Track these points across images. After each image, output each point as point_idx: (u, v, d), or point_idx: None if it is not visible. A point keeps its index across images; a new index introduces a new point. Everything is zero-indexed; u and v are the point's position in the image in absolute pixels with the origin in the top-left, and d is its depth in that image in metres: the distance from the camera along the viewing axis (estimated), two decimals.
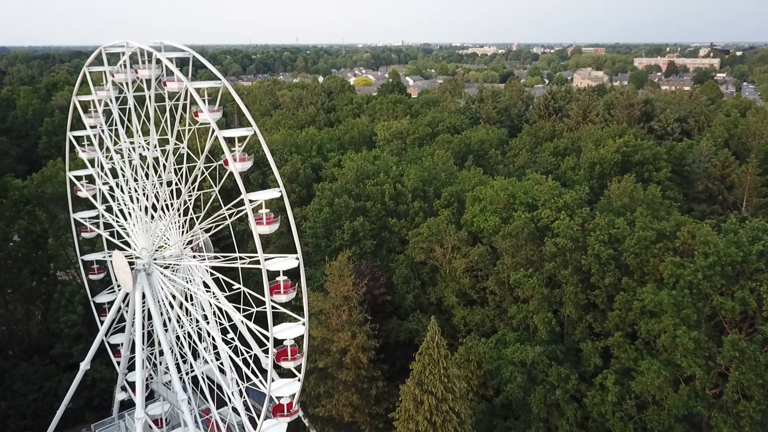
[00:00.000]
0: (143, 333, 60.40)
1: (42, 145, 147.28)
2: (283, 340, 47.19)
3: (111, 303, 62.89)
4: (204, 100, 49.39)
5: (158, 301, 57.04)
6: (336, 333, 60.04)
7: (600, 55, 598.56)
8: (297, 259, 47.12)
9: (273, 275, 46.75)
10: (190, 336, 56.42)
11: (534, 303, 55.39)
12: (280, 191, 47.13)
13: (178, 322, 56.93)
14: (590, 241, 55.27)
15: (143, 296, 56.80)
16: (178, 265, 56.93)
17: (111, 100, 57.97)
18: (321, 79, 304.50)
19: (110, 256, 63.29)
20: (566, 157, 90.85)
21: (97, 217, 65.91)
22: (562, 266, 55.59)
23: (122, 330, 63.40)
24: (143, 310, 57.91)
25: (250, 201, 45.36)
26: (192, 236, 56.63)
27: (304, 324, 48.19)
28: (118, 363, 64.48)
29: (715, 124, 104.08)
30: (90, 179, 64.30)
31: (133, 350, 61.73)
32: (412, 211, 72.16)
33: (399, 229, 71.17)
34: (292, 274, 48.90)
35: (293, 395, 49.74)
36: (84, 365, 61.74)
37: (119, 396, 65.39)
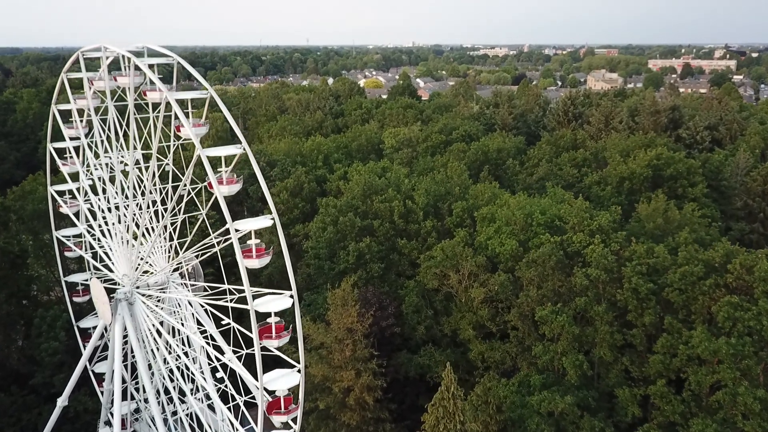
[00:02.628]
0: (128, 365, 55.18)
1: (42, 149, 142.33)
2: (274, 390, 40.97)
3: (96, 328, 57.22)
4: (188, 113, 43.62)
5: (141, 332, 51.28)
6: (338, 371, 53.85)
7: (613, 56, 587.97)
8: (291, 297, 40.92)
9: (264, 315, 40.67)
10: (173, 373, 50.51)
11: (563, 343, 48.80)
12: (273, 219, 41.04)
13: (164, 359, 51.07)
14: (626, 272, 48.66)
15: (126, 327, 51.09)
16: (163, 294, 51.05)
17: (91, 110, 52.29)
18: (331, 80, 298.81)
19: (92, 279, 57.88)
20: (589, 169, 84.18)
21: (80, 235, 60.45)
22: (595, 301, 48.99)
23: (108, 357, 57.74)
24: (126, 342, 52.33)
25: (237, 230, 39.23)
26: (178, 263, 50.80)
27: (299, 371, 41.91)
28: (111, 392, 58.72)
29: (749, 133, 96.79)
30: (73, 194, 58.86)
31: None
32: (424, 231, 65.69)
33: (409, 251, 64.71)
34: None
35: None
36: (61, 401, 56.10)
37: (103, 431, 59.63)
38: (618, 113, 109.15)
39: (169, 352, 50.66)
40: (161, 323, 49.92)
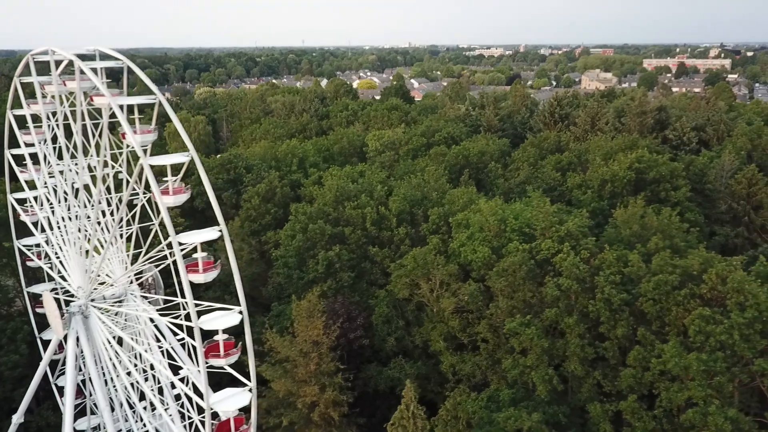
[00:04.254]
0: (82, 381, 53.32)
1: None
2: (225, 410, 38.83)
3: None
4: (135, 119, 41.67)
5: (96, 347, 49.28)
6: (302, 386, 51.74)
7: (608, 56, 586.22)
8: (240, 313, 38.87)
9: (211, 333, 38.60)
10: (128, 390, 48.43)
11: (532, 356, 46.73)
12: (220, 230, 38.97)
13: (118, 375, 48.97)
14: (599, 281, 46.59)
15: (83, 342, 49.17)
16: (117, 308, 49.00)
17: (43, 116, 50.28)
18: (324, 82, 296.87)
19: (51, 290, 56.09)
20: (574, 172, 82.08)
21: (41, 245, 58.43)
22: (566, 313, 46.93)
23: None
24: (80, 357, 50.42)
25: (180, 244, 37.11)
26: (131, 275, 48.83)
27: (251, 390, 39.81)
28: None
29: (736, 134, 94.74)
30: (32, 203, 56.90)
31: (78, 396, 54.77)
32: (397, 238, 63.56)
33: (381, 258, 62.61)
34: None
35: None
36: (17, 418, 53.86)
37: None
38: (604, 114, 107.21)
39: (125, 368, 48.60)
40: (115, 338, 47.91)
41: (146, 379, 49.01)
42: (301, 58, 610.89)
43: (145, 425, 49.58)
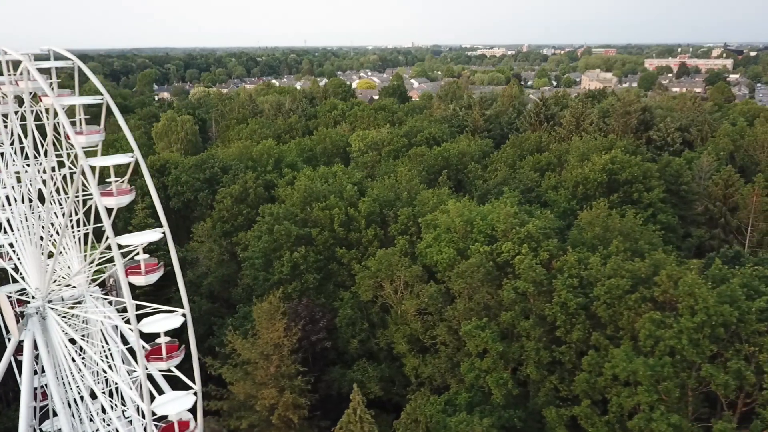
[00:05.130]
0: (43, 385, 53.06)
1: None
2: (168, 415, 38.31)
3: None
4: (80, 120, 41.37)
5: (54, 348, 48.96)
6: (261, 388, 51.27)
7: (610, 56, 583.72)
8: (183, 315, 38.40)
9: (154, 335, 38.19)
10: (81, 391, 48.08)
11: (488, 360, 46.14)
12: (163, 232, 38.51)
13: (74, 377, 48.63)
14: (557, 285, 45.97)
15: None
16: (74, 309, 48.70)
17: (0, 116, 50.10)
18: (324, 81, 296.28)
19: (18, 291, 55.89)
20: (553, 173, 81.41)
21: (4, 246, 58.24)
22: (523, 316, 46.31)
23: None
24: (38, 360, 50.08)
25: (120, 246, 36.64)
26: (91, 275, 48.50)
27: (195, 393, 39.32)
28: (35, 409, 56.44)
29: (719, 135, 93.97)
30: None
31: (44, 398, 54.60)
32: (366, 240, 63.04)
33: (349, 260, 62.10)
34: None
35: None
36: None
37: None
38: (589, 115, 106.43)
39: (79, 371, 48.25)
40: (71, 340, 47.60)
41: (105, 381, 48.76)
42: (302, 58, 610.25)
43: (98, 429, 49.25)
